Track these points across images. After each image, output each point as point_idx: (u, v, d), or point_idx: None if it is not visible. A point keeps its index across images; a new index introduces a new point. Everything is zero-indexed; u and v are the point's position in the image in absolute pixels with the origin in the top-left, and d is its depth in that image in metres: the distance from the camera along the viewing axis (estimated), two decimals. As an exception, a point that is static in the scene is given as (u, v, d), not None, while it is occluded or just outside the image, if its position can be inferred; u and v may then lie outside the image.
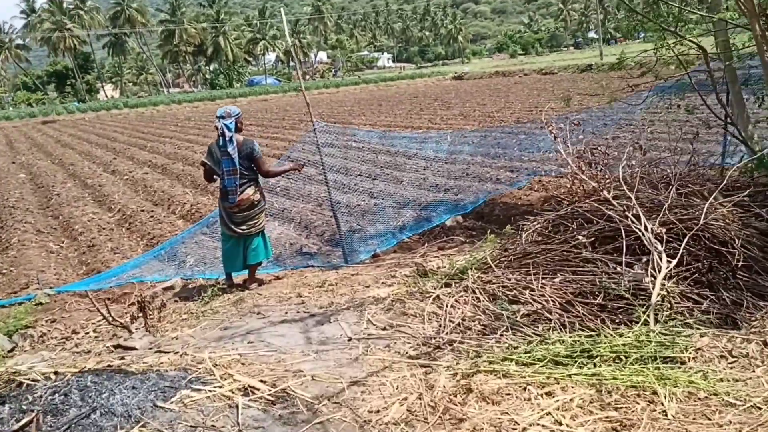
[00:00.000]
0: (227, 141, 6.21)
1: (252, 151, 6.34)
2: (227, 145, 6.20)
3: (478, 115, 23.58)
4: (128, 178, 15.68)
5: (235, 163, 6.20)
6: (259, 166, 6.42)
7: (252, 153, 6.34)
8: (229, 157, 6.20)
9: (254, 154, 6.35)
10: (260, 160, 6.44)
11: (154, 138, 27.40)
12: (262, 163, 6.48)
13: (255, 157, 6.35)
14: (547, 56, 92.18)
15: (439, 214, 8.50)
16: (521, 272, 5.11)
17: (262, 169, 6.46)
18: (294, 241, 8.13)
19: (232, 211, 6.30)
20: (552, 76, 51.07)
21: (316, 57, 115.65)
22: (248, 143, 6.39)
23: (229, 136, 6.24)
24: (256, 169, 6.42)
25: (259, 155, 6.43)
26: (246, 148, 6.32)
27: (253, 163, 6.37)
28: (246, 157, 6.29)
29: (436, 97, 38.32)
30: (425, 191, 10.61)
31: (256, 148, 6.40)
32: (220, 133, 6.22)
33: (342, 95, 57.03)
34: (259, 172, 6.45)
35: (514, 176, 10.91)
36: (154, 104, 62.58)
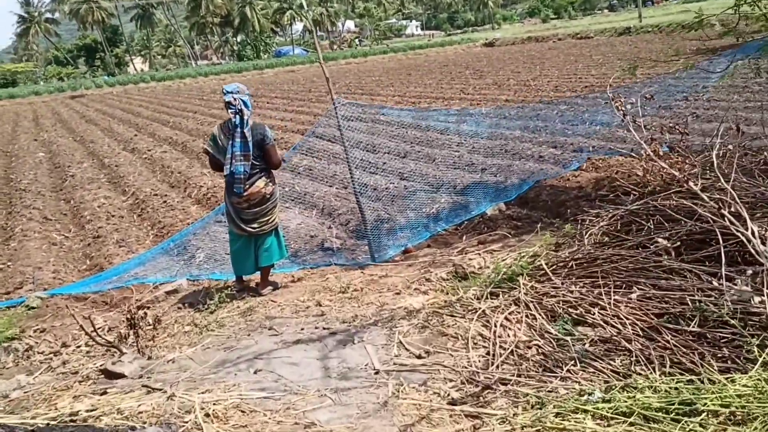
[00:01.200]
0: (244, 120, 5.33)
1: (264, 137, 5.47)
2: (244, 125, 5.32)
3: (513, 84, 22.34)
4: (147, 157, 14.96)
5: (249, 147, 5.33)
6: (270, 156, 5.53)
7: (264, 140, 5.46)
8: (244, 140, 5.32)
9: (266, 141, 5.47)
10: (273, 148, 5.56)
11: (177, 113, 26.70)
12: (275, 153, 5.59)
13: (266, 145, 5.48)
14: (581, 20, 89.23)
15: (478, 201, 7.54)
16: (586, 283, 4.17)
17: (273, 160, 5.57)
18: (315, 233, 7.26)
19: (241, 207, 5.44)
20: (588, 40, 49.07)
21: (344, 26, 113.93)
22: (259, 128, 5.51)
23: (248, 115, 5.36)
24: (266, 159, 5.54)
25: (272, 143, 5.56)
26: (257, 133, 5.45)
27: (263, 151, 5.49)
28: (257, 144, 5.42)
29: (467, 65, 36.94)
30: (461, 171, 9.64)
31: (268, 135, 5.52)
32: (237, 109, 5.33)
33: (370, 65, 55.75)
34: (270, 163, 5.56)
35: (558, 153, 9.87)
36: (181, 77, 62.01)
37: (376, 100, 22.52)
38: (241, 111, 5.31)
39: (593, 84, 18.85)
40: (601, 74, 21.81)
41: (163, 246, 7.31)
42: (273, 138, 5.62)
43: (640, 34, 46.84)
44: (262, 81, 48.33)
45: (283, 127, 17.51)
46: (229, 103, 5.30)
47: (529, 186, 7.72)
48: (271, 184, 5.55)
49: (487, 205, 7.27)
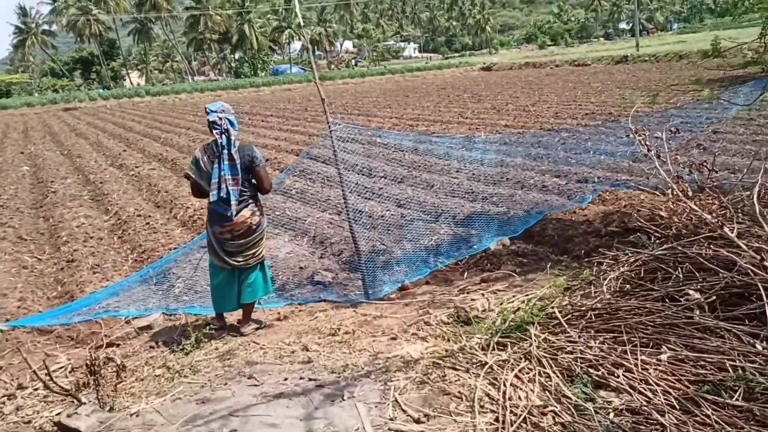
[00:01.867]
0: (231, 141, 4.86)
1: (253, 159, 4.98)
2: (231, 146, 4.85)
3: (512, 109, 22.01)
4: (134, 174, 14.46)
5: (237, 170, 4.84)
6: (261, 180, 5.03)
7: (253, 162, 4.97)
8: (233, 162, 4.84)
9: (255, 163, 4.98)
10: (263, 170, 5.06)
11: (170, 128, 26.25)
12: (266, 175, 5.09)
13: (255, 167, 4.98)
14: (578, 47, 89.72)
15: (480, 234, 7.07)
16: (606, 338, 3.70)
17: (264, 184, 5.07)
18: (305, 264, 6.76)
19: (224, 238, 4.94)
20: (585, 67, 49.08)
21: (342, 46, 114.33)
22: (247, 149, 5.03)
23: (234, 135, 4.89)
24: (256, 183, 5.06)
25: (262, 164, 5.06)
26: (245, 155, 4.96)
27: (252, 175, 5.01)
28: (244, 168, 4.94)
29: (465, 88, 36.71)
30: (460, 200, 9.19)
31: (257, 156, 5.03)
32: (223, 129, 4.85)
33: (367, 85, 55.57)
34: (260, 187, 5.08)
35: (563, 183, 9.44)
36: (177, 92, 61.66)
37: (373, 122, 22.14)
38: (227, 131, 4.84)
39: (594, 111, 18.52)
40: (601, 102, 21.53)
41: (141, 274, 6.80)
42: (263, 159, 5.13)
43: (637, 63, 46.88)
44: (258, 99, 48.02)
45: (276, 146, 17.07)
46: (214, 122, 4.84)
47: (537, 220, 7.24)
48: (259, 213, 5.04)
49: (490, 240, 6.80)
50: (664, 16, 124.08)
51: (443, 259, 6.46)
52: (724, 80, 24.50)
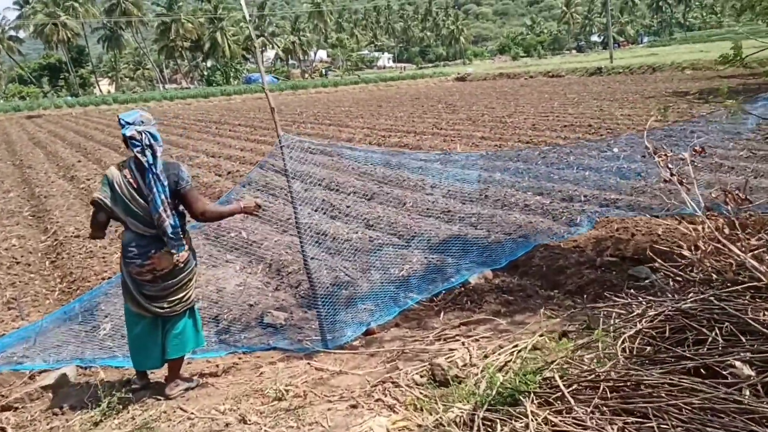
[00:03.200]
0: (157, 156, 3.91)
1: (179, 179, 4.01)
2: (155, 165, 3.89)
3: (487, 120, 21.28)
4: (84, 188, 13.38)
5: (166, 191, 3.91)
6: (190, 204, 4.07)
7: (178, 183, 4.00)
8: (159, 182, 3.89)
9: (181, 185, 4.01)
10: (192, 192, 4.10)
11: (132, 137, 25.07)
12: (195, 198, 4.12)
13: (182, 189, 4.02)
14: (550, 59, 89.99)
15: (459, 262, 6.18)
16: (628, 423, 2.83)
17: (194, 208, 4.09)
18: (257, 300, 5.82)
19: (143, 280, 3.98)
20: (560, 79, 48.82)
21: (316, 55, 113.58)
22: (172, 168, 4.06)
23: (159, 150, 3.94)
24: (184, 209, 4.14)
25: (189, 186, 4.08)
26: (170, 174, 4.01)
27: (179, 199, 4.07)
28: (171, 192, 3.99)
29: (440, 98, 36.03)
30: (435, 220, 8.33)
31: (183, 176, 4.05)
32: (145, 145, 3.89)
33: (340, 94, 54.73)
34: (190, 213, 4.13)
35: (546, 203, 8.62)
36: (145, 100, 60.28)
37: (344, 132, 21.27)
38: (150, 146, 3.90)
39: (573, 123, 17.85)
40: (578, 113, 20.90)
41: (65, 310, 5.81)
42: (190, 178, 4.16)
43: (611, 75, 46.72)
44: (228, 107, 46.87)
45: (241, 158, 16.09)
46: (131, 137, 3.88)
47: (524, 251, 6.37)
48: (186, 248, 4.10)
49: (469, 272, 5.92)
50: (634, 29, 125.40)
51: (416, 295, 5.56)
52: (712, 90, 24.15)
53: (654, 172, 9.82)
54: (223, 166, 14.51)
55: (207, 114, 39.47)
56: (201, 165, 15.37)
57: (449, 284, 5.70)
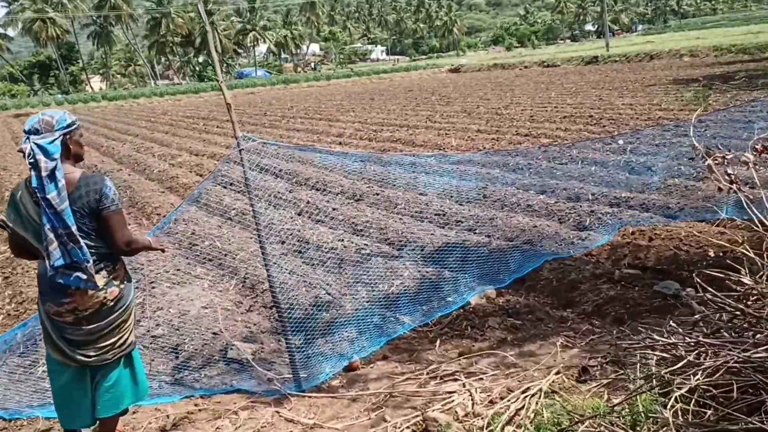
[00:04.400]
0: (44, 177, 3.10)
1: (101, 198, 3.18)
2: (45, 186, 3.08)
3: (483, 112, 20.49)
4: (56, 191, 12.57)
5: (66, 222, 3.08)
6: (112, 231, 3.22)
7: (100, 203, 3.18)
8: (54, 211, 3.07)
9: (103, 206, 3.19)
10: (116, 217, 3.24)
11: (117, 135, 24.26)
12: (120, 225, 3.26)
13: (104, 212, 3.19)
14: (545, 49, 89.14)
15: (456, 277, 5.40)
16: None
17: (117, 237, 3.22)
18: (223, 327, 5.02)
19: (65, 322, 3.18)
20: (555, 68, 48.05)
21: (309, 49, 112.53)
22: (92, 182, 3.21)
23: (49, 168, 3.07)
24: (108, 236, 3.28)
25: (115, 208, 3.24)
26: (87, 193, 3.17)
27: (102, 224, 3.25)
28: (88, 212, 3.18)
29: (433, 90, 35.21)
30: (430, 224, 7.57)
31: (109, 194, 3.22)
32: (30, 161, 3.08)
33: (332, 88, 53.85)
34: (113, 242, 3.25)
35: (551, 202, 7.85)
36: (135, 97, 59.43)
37: (334, 127, 20.47)
38: (35, 164, 3.06)
39: (573, 114, 17.08)
40: (577, 103, 20.14)
41: (5, 338, 5.04)
42: (118, 199, 3.31)
43: (608, 63, 45.99)
44: (218, 103, 45.84)
45: (226, 155, 15.27)
46: (22, 151, 3.09)
47: (533, 267, 5.58)
48: (118, 281, 3.32)
49: (469, 291, 5.14)
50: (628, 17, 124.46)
51: (407, 320, 4.78)
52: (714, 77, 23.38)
53: (666, 166, 9.10)
54: (206, 166, 13.72)
55: (196, 110, 38.61)
56: (183, 164, 14.58)
57: (446, 307, 4.90)
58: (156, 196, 10.95)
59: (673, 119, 14.04)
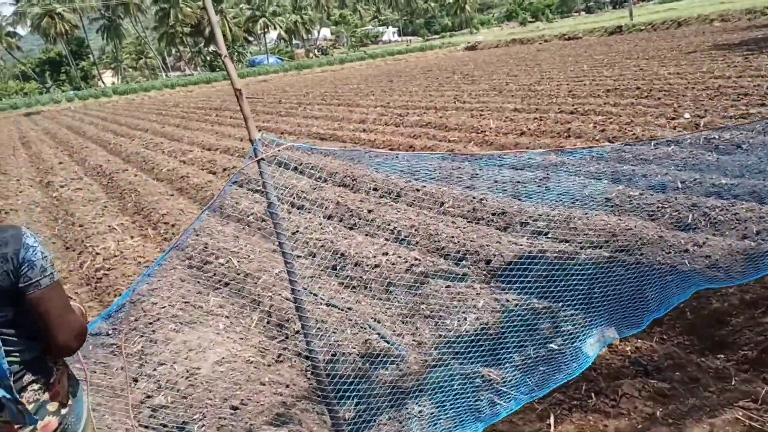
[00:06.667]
0: None
1: (19, 270, 1.86)
2: None
3: (515, 89, 18.97)
4: (56, 197, 11.37)
5: None
6: (50, 320, 1.91)
7: (19, 278, 1.86)
8: None
9: (27, 280, 1.87)
10: (51, 296, 1.92)
11: (126, 131, 23.06)
12: (60, 308, 1.95)
13: (31, 290, 1.88)
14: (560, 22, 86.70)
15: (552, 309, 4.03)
16: None
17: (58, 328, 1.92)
18: (244, 396, 3.68)
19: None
20: (578, 41, 46.10)
21: (320, 34, 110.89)
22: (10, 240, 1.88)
23: None
24: (41, 326, 1.94)
25: (49, 282, 1.92)
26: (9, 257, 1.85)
27: (26, 311, 1.91)
28: (4, 291, 1.85)
29: (453, 69, 33.60)
30: (487, 227, 6.21)
31: (34, 259, 1.89)
32: None
33: (347, 72, 52.30)
34: (51, 338, 1.93)
35: (634, 194, 6.43)
36: (146, 90, 58.43)
37: (355, 112, 19.08)
38: None
39: (617, 87, 15.53)
40: (617, 75, 18.56)
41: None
42: (50, 262, 1.97)
43: (632, 33, 43.98)
44: (230, 92, 44.66)
45: (240, 149, 13.96)
46: None
47: (684, 299, 4.12)
48: (56, 403, 1.97)
49: (584, 333, 3.76)
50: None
51: (509, 390, 3.41)
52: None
53: None
54: (219, 162, 12.42)
55: (208, 101, 37.35)
56: (194, 161, 13.30)
57: (561, 376, 3.50)
58: (164, 200, 9.68)
59: (737, 87, 12.50)
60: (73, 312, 1.98)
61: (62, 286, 1.98)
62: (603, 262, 4.59)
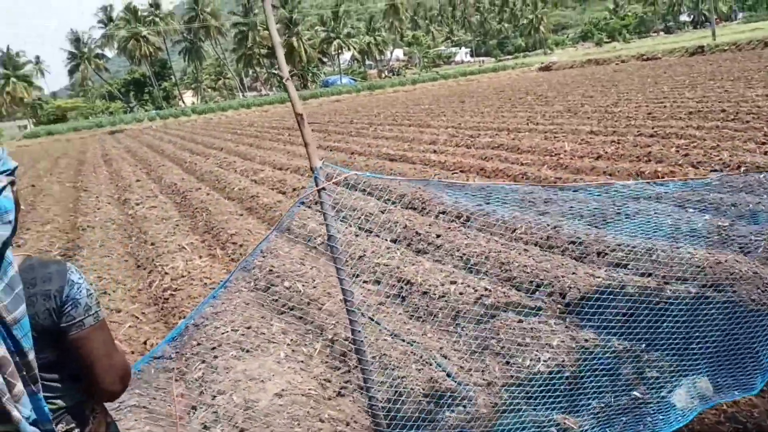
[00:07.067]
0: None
1: (62, 308, 1.73)
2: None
3: (590, 111, 18.44)
4: (131, 215, 11.65)
5: (21, 344, 1.63)
6: (94, 362, 1.78)
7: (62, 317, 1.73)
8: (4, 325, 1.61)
9: (70, 319, 1.74)
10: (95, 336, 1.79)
11: (202, 149, 23.65)
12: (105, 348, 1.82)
13: (74, 330, 1.75)
14: (638, 42, 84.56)
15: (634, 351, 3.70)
16: None
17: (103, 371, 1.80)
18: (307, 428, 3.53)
19: None
20: (656, 61, 44.78)
21: (392, 54, 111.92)
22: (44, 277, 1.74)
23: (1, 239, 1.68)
24: (83, 369, 1.81)
25: (94, 321, 1.80)
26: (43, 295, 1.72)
27: (66, 352, 1.78)
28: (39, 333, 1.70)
29: (527, 90, 33.12)
30: (561, 255, 5.90)
31: (78, 296, 1.77)
32: None
33: (419, 92, 52.42)
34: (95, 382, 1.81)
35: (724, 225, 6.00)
36: (223, 110, 60.25)
37: (426, 133, 18.94)
38: None
39: (700, 110, 14.84)
40: (699, 97, 17.77)
41: None
42: (96, 303, 1.86)
43: (715, 53, 42.42)
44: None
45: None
46: None
47: None
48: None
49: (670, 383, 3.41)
50: (727, 5, 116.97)
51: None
52: None
53: None
54: (289, 182, 12.47)
55: (282, 120, 38.07)
56: (265, 180, 13.42)
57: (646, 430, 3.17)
58: (233, 219, 9.74)
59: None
60: (118, 353, 1.86)
61: (107, 326, 1.86)
62: (691, 300, 4.23)
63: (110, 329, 1.90)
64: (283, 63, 2.65)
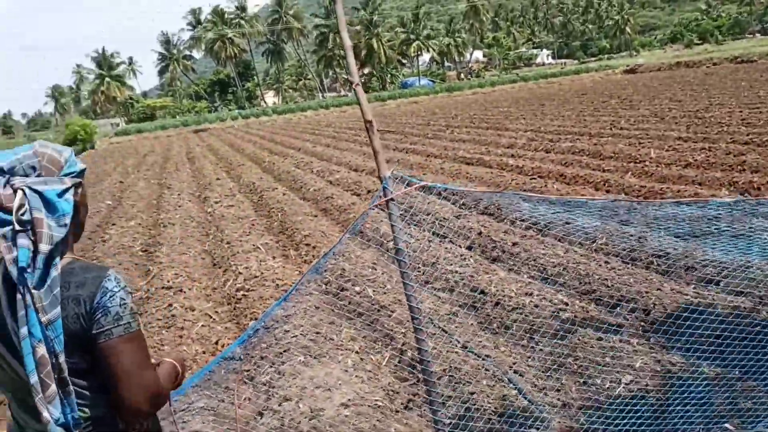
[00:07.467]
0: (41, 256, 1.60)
1: (93, 314, 1.69)
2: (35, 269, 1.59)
3: (678, 116, 17.64)
4: (209, 213, 11.90)
5: (52, 345, 1.60)
6: (122, 377, 1.70)
7: (92, 324, 1.69)
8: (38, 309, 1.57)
9: (100, 327, 1.69)
10: (126, 348, 1.71)
11: (281, 149, 24.04)
12: (137, 362, 1.72)
13: (103, 339, 1.69)
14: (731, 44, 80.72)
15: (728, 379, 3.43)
16: None
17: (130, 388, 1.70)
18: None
19: None
20: (752, 64, 42.53)
21: (472, 56, 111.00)
22: (79, 281, 1.71)
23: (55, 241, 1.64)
24: (108, 380, 1.72)
25: (124, 331, 1.72)
26: (68, 301, 1.68)
27: (101, 357, 1.71)
28: (69, 338, 1.66)
29: (611, 93, 32.09)
30: (645, 270, 5.58)
31: (111, 305, 1.70)
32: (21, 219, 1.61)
33: (498, 94, 51.76)
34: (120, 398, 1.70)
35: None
36: (303, 110, 61.17)
37: (503, 136, 18.59)
38: (26, 227, 1.63)
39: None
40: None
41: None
42: (131, 313, 1.79)
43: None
44: (381, 113, 45.56)
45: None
46: None
47: None
48: None
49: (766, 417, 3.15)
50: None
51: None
52: None
53: None
54: (364, 184, 12.45)
55: (359, 121, 38.21)
56: (340, 181, 13.46)
57: None
58: (307, 220, 9.78)
59: None
60: (149, 369, 1.77)
61: (143, 340, 1.79)
62: None
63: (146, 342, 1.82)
64: (354, 68, 2.54)
